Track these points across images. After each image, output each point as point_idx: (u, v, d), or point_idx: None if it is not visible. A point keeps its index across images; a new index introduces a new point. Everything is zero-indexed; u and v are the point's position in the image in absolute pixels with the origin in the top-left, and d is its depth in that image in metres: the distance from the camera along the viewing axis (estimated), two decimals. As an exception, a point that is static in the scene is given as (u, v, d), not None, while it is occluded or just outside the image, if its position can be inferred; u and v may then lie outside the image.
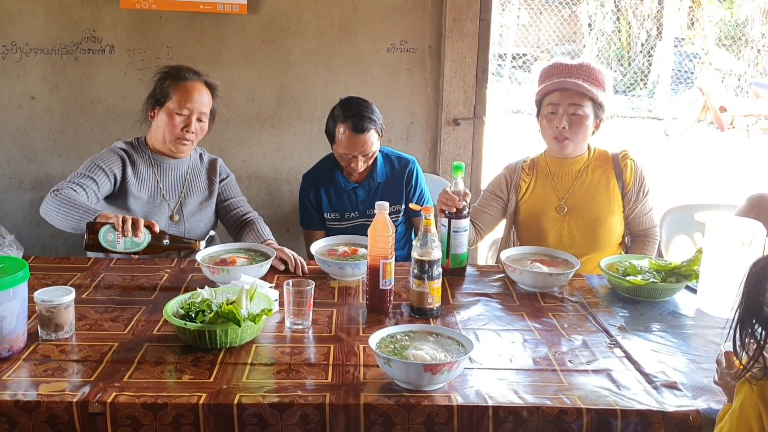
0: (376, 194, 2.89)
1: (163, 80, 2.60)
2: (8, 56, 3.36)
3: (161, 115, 2.58)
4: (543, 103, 2.64)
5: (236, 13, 3.34)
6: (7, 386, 1.62)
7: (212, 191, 2.77)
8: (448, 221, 2.33)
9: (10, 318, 1.73)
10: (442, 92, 3.49)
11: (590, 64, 2.62)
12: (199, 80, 2.62)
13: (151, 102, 2.61)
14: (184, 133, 2.58)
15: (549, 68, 2.66)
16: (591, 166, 2.68)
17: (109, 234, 2.18)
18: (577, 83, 2.55)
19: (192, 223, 2.70)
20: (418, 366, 1.60)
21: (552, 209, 2.66)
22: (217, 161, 2.83)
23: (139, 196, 2.61)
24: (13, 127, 3.45)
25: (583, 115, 2.56)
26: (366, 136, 2.70)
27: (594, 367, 1.78)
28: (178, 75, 2.60)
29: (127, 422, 1.54)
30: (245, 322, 1.79)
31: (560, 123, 2.57)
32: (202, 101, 2.60)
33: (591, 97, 2.56)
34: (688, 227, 2.99)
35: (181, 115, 2.56)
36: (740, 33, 11.45)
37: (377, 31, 3.44)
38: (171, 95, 2.56)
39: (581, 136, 2.61)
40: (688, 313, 2.16)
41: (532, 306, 2.18)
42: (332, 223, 2.91)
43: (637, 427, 1.57)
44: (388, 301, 2.08)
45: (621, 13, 12.48)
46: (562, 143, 2.61)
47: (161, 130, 2.60)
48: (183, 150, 2.63)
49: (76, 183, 2.48)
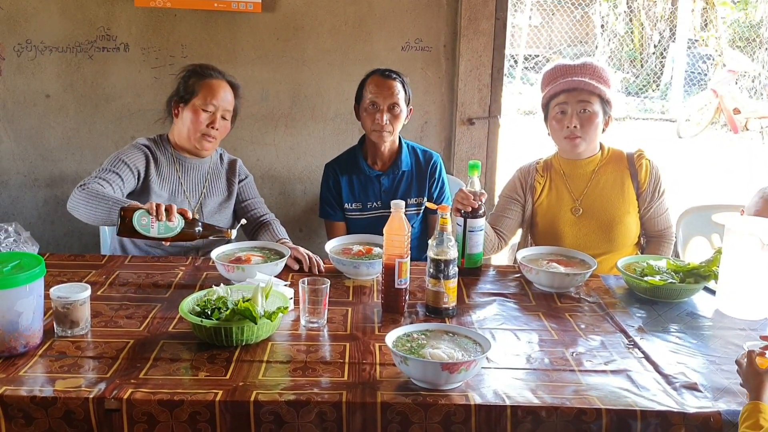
0: (400, 183, 2.89)
1: (188, 78, 2.62)
2: (23, 54, 3.37)
3: (186, 112, 2.59)
4: (550, 105, 2.63)
5: (251, 11, 3.34)
6: (23, 382, 1.62)
7: (231, 192, 2.77)
8: (464, 221, 2.32)
9: (26, 314, 1.73)
10: (456, 91, 3.48)
11: (592, 62, 2.63)
12: (223, 79, 2.65)
13: (176, 99, 2.62)
14: (209, 129, 2.59)
15: (552, 71, 2.66)
16: (605, 167, 2.66)
17: (143, 218, 2.13)
18: (584, 81, 2.55)
19: (211, 222, 2.69)
20: (436, 365, 1.59)
21: (567, 211, 2.65)
22: (236, 162, 2.83)
23: (161, 194, 2.61)
24: (28, 125, 3.46)
25: (592, 112, 2.56)
26: (393, 83, 2.74)
27: (612, 367, 1.76)
28: (204, 73, 2.63)
29: (143, 419, 1.54)
30: (261, 320, 1.79)
31: (571, 123, 2.56)
32: (227, 99, 2.63)
33: (599, 94, 2.56)
34: (705, 228, 2.96)
35: (206, 111, 2.58)
36: (754, 34, 11.38)
37: (392, 29, 3.43)
38: (196, 92, 2.58)
39: (593, 134, 2.60)
40: (706, 314, 2.13)
41: (548, 306, 2.16)
42: (353, 213, 2.90)
43: (657, 429, 1.55)
44: (403, 300, 2.07)
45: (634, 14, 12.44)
46: (574, 141, 2.59)
47: (186, 127, 2.60)
48: (207, 147, 2.64)
49: (101, 178, 2.46)
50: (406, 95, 2.79)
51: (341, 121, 3.49)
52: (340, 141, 3.45)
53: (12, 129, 3.46)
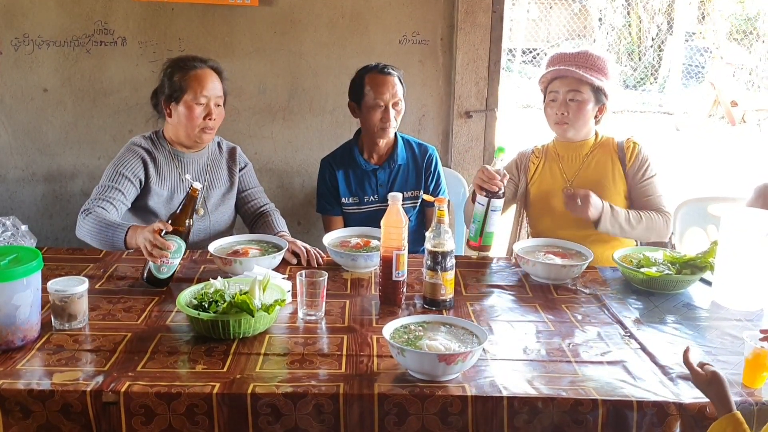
0: (396, 177, 2.89)
1: (172, 75, 2.56)
2: (21, 48, 3.37)
3: (180, 110, 2.54)
4: (547, 90, 2.73)
5: (248, 5, 3.34)
6: (21, 375, 1.62)
7: (233, 181, 2.75)
8: (487, 201, 2.35)
9: (24, 307, 1.73)
10: (454, 84, 3.48)
11: (589, 50, 2.69)
12: (206, 66, 2.59)
13: (165, 98, 2.57)
14: (206, 121, 2.56)
15: (552, 57, 2.75)
16: (597, 150, 2.73)
17: (152, 266, 2.12)
18: (573, 71, 2.61)
19: (216, 216, 2.69)
20: (432, 356, 1.59)
21: (559, 191, 2.70)
22: (236, 149, 2.81)
23: (161, 193, 2.59)
24: (26, 120, 3.46)
25: (581, 100, 2.63)
26: (392, 78, 2.76)
27: (609, 358, 1.77)
28: (186, 65, 2.57)
29: (140, 411, 1.54)
30: (258, 313, 1.79)
31: (560, 109, 2.65)
32: (216, 86, 2.58)
33: (589, 83, 2.61)
34: (702, 220, 2.97)
35: (200, 104, 2.53)
36: (751, 27, 11.38)
37: (389, 22, 3.43)
38: (184, 88, 2.52)
39: (581, 121, 2.66)
40: (702, 305, 2.14)
41: (545, 298, 2.17)
42: (350, 208, 2.90)
43: (653, 418, 1.56)
44: (401, 293, 2.07)
45: (631, 7, 12.43)
46: (563, 127, 2.68)
47: (183, 124, 2.56)
48: (207, 139, 2.62)
49: (103, 199, 2.46)
50: (402, 88, 2.80)
51: (339, 114, 3.49)
52: (337, 134, 3.44)
53: (10, 123, 3.45)
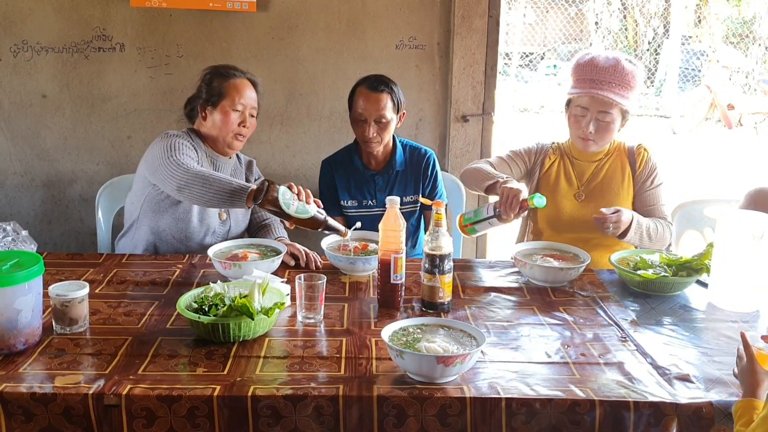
0: (395, 182, 2.90)
1: (211, 80, 2.60)
2: (19, 54, 3.38)
3: (216, 115, 2.57)
4: (572, 101, 2.68)
5: (246, 10, 3.35)
6: (23, 379, 1.63)
7: None
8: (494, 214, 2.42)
9: (25, 312, 1.74)
10: (450, 89, 3.50)
11: (623, 65, 2.59)
12: (245, 77, 2.64)
13: (202, 102, 2.60)
14: (240, 128, 2.59)
15: (583, 66, 2.64)
16: (610, 156, 2.75)
17: (286, 194, 2.19)
18: (608, 96, 2.55)
19: (236, 222, 2.70)
20: (431, 358, 1.61)
21: (571, 195, 2.72)
22: (253, 162, 2.86)
23: None
24: (25, 126, 3.47)
25: (610, 121, 2.61)
26: (380, 96, 2.74)
27: (606, 360, 1.78)
28: (227, 73, 2.61)
29: (142, 414, 1.56)
30: (258, 316, 1.81)
31: (588, 127, 2.61)
32: (252, 96, 2.62)
33: (619, 105, 2.59)
34: (698, 222, 2.99)
35: (236, 110, 2.57)
36: (747, 30, 11.43)
37: (386, 27, 3.44)
38: (224, 94, 2.56)
39: (607, 139, 2.68)
40: (699, 307, 2.16)
41: (543, 300, 2.18)
42: (350, 210, 2.91)
43: (650, 419, 1.57)
44: (399, 296, 2.08)
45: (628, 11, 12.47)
46: (587, 142, 2.67)
47: (217, 129, 2.58)
48: (238, 147, 2.65)
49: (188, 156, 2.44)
50: (394, 105, 2.77)
51: (336, 118, 3.50)
52: (335, 139, 3.46)
53: (8, 129, 3.46)
